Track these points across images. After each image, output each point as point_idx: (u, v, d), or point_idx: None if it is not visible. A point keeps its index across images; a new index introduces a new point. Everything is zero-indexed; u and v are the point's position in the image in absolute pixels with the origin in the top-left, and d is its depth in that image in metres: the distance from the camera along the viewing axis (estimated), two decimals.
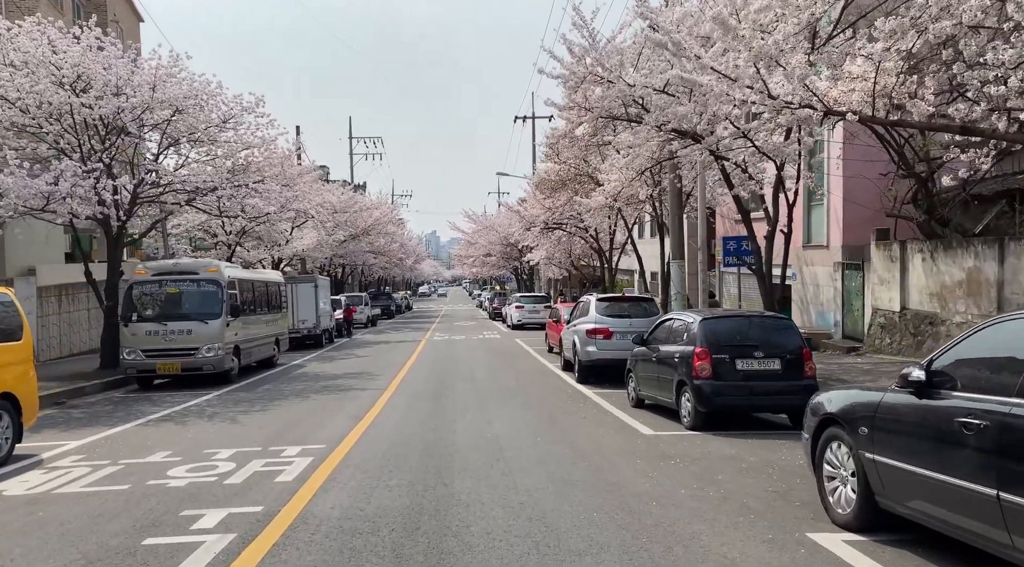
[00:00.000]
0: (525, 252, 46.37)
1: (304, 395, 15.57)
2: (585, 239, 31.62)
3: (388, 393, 15.38)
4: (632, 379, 12.99)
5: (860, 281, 18.93)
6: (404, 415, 12.42)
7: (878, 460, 5.30)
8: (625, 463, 8.48)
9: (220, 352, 17.49)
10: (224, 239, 27.97)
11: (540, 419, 11.77)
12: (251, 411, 13.43)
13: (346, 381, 17.84)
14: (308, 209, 29.38)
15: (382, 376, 18.66)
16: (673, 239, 20.03)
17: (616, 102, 13.67)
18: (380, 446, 9.78)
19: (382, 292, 64.36)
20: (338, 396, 15.23)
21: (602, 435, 10.30)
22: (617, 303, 17.10)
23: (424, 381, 17.40)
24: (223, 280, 17.99)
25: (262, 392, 16.26)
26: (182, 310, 17.80)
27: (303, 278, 30.42)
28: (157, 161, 19.21)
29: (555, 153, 22.20)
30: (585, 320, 16.78)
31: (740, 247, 16.71)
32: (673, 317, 11.92)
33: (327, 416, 12.60)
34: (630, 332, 16.09)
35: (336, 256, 43.24)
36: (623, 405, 13.09)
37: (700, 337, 10.56)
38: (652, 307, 16.76)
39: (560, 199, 26.96)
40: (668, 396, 11.29)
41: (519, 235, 38.01)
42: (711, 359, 10.37)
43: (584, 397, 14.40)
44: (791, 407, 10.53)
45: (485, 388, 15.87)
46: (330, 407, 13.70)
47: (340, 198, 36.83)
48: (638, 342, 12.66)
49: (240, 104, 19.65)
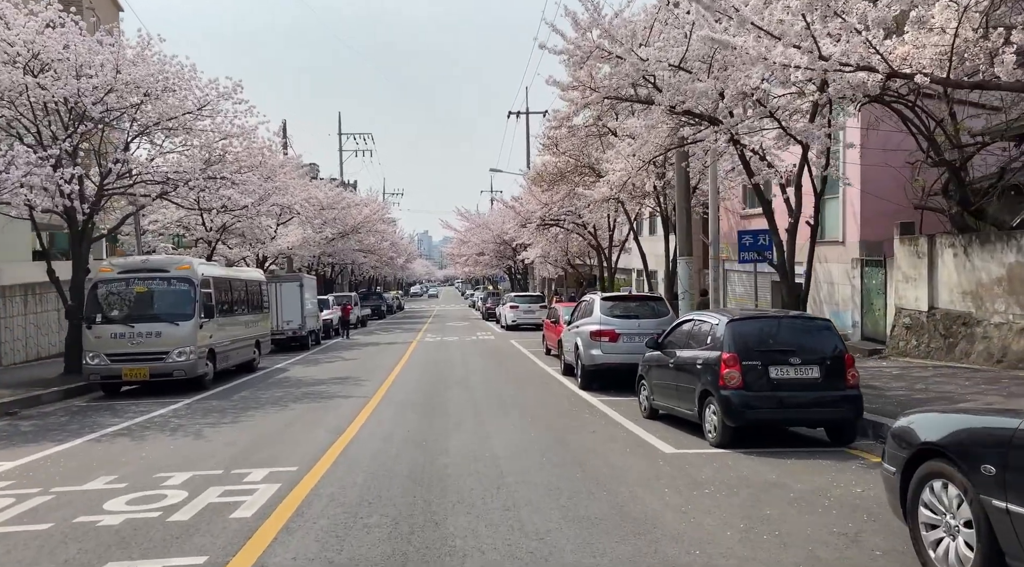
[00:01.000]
0: (519, 251, 45.09)
1: (282, 404, 14.20)
2: (583, 236, 30.32)
3: (374, 402, 14.03)
4: (644, 387, 11.67)
5: (882, 279, 17.66)
6: (390, 429, 11.07)
7: (1015, 511, 3.98)
8: (651, 493, 7.15)
9: (192, 356, 16.10)
10: (204, 236, 26.50)
11: (544, 434, 10.43)
12: (220, 423, 12.05)
13: (330, 387, 16.48)
14: (293, 204, 28.01)
15: (369, 382, 17.31)
16: (680, 234, 18.73)
17: (625, 81, 12.35)
18: (360, 469, 8.43)
19: (372, 292, 62.90)
20: (319, 405, 13.87)
21: (617, 454, 8.97)
22: (623, 303, 15.78)
23: (414, 387, 16.05)
24: (196, 278, 16.59)
25: (237, 400, 14.88)
26: (151, 311, 16.40)
27: (287, 277, 29.01)
28: (127, 150, 17.78)
29: (553, 144, 20.90)
30: (588, 321, 15.46)
31: (757, 241, 15.45)
32: (694, 318, 10.58)
33: (304, 430, 11.23)
34: (638, 334, 14.80)
35: (324, 255, 41.82)
36: (634, 416, 11.77)
37: (728, 341, 9.24)
38: (662, 307, 15.45)
39: (558, 193, 25.64)
40: (689, 408, 9.98)
41: (514, 232, 36.69)
42: (740, 366, 9.06)
43: (590, 406, 13.08)
44: (833, 421, 9.23)
45: (480, 396, 14.53)
46: (309, 418, 12.33)
47: (327, 194, 35.41)
48: (652, 346, 11.34)
49: (216, 90, 18.25)
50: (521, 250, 43.71)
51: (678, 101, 12.05)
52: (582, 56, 11.91)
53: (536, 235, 33.12)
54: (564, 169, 20.65)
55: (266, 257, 32.61)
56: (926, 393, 11.71)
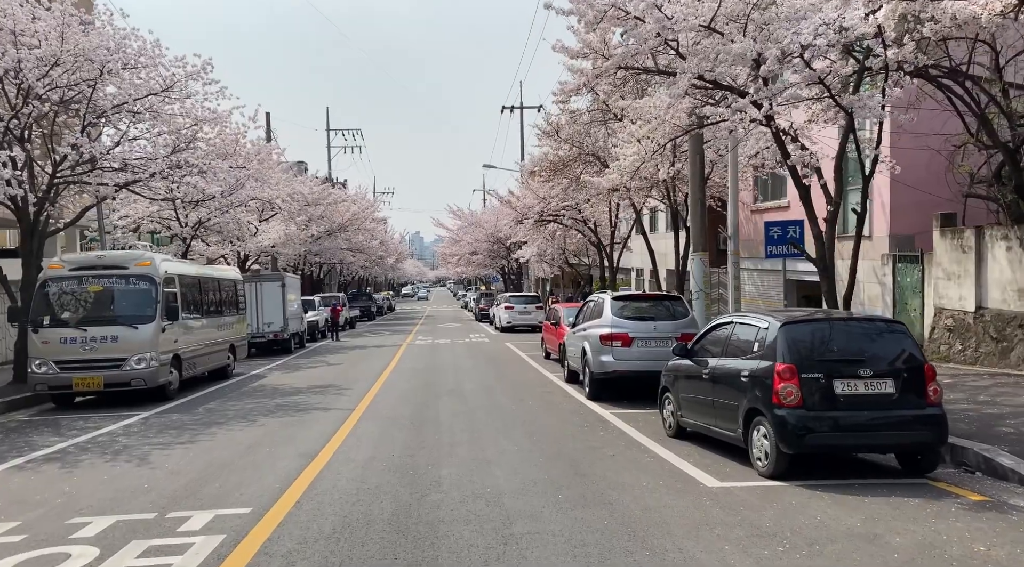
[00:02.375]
0: (514, 249, 43.40)
1: (251, 418, 12.46)
2: (583, 232, 28.65)
3: (356, 415, 12.31)
4: (670, 401, 9.99)
5: (918, 276, 16.04)
6: (371, 452, 9.35)
7: None
8: (705, 550, 5.46)
9: (153, 363, 14.34)
10: (179, 232, 24.69)
11: (554, 460, 8.73)
12: (174, 444, 10.31)
13: (308, 398, 14.74)
14: (274, 199, 26.23)
15: (352, 390, 15.58)
16: (694, 228, 17.11)
17: (644, 46, 10.67)
18: (330, 512, 6.72)
19: (362, 292, 61.08)
20: (293, 420, 12.14)
21: (649, 489, 7.28)
22: (637, 303, 14.09)
23: (402, 398, 14.33)
24: (158, 276, 14.83)
25: (201, 413, 13.14)
26: (106, 312, 14.63)
27: (268, 276, 27.21)
28: (82, 134, 15.99)
29: (554, 130, 19.22)
30: (597, 324, 13.78)
31: (786, 234, 13.80)
32: (734, 321, 8.88)
33: (270, 453, 9.50)
34: (654, 338, 13.15)
35: (310, 253, 40.02)
36: (657, 434, 10.10)
37: (782, 348, 7.57)
38: (680, 307, 13.77)
39: (557, 186, 23.96)
40: (730, 428, 8.30)
41: (509, 230, 34.96)
42: (799, 380, 7.38)
43: (603, 422, 11.38)
44: (913, 445, 7.56)
45: (477, 409, 12.82)
46: (278, 437, 10.60)
47: (312, 189, 33.62)
48: (681, 353, 9.65)
49: (184, 69, 16.49)
50: (515, 249, 42.04)
51: (705, 69, 10.40)
52: (595, 16, 10.23)
53: (532, 232, 31.43)
54: (566, 158, 18.97)
55: (247, 255, 30.81)
56: (996, 406, 10.07)
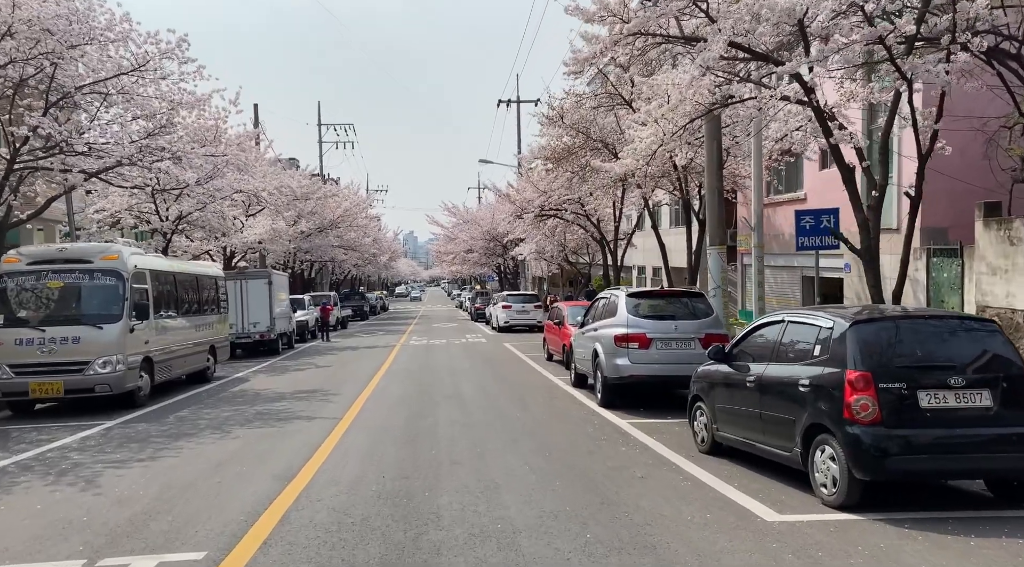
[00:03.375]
0: (511, 247, 42.06)
1: (225, 428, 11.11)
2: (585, 228, 27.31)
3: (343, 426, 10.97)
4: (702, 412, 8.67)
5: (957, 271, 14.75)
6: (359, 473, 8.01)
7: None
8: None
9: (120, 367, 12.98)
10: (159, 226, 23.27)
11: (573, 483, 7.41)
12: (131, 461, 8.95)
13: (292, 405, 13.39)
14: (260, 191, 24.83)
15: (340, 396, 14.24)
16: (711, 219, 15.78)
17: (669, 8, 9.36)
18: (303, 560, 5.38)
19: (355, 291, 59.67)
20: (272, 431, 10.79)
21: (696, 523, 5.97)
22: (655, 300, 12.78)
23: (395, 404, 12.99)
24: (126, 270, 13.47)
25: (171, 423, 11.79)
26: (68, 311, 13.28)
27: (254, 273, 25.81)
28: (44, 115, 14.59)
29: (559, 115, 17.87)
30: (611, 323, 12.45)
31: (819, 223, 12.49)
32: (786, 319, 7.54)
33: (240, 474, 8.16)
34: (675, 339, 11.85)
35: (300, 251, 38.59)
36: (687, 449, 8.79)
37: (854, 352, 6.26)
38: (702, 305, 12.45)
39: (561, 177, 22.59)
40: (783, 446, 7.00)
41: (507, 226, 33.59)
42: (876, 391, 6.08)
43: (622, 433, 10.06)
44: (1016, 471, 6.26)
45: (478, 417, 11.48)
46: (253, 453, 9.26)
47: (301, 183, 32.17)
48: (717, 357, 8.34)
49: (157, 46, 15.13)
50: (512, 246, 40.70)
51: (741, 32, 9.09)
52: None
53: (532, 228, 30.06)
54: (571, 145, 17.58)
55: (233, 252, 29.40)
56: None
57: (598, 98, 17.31)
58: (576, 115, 17.73)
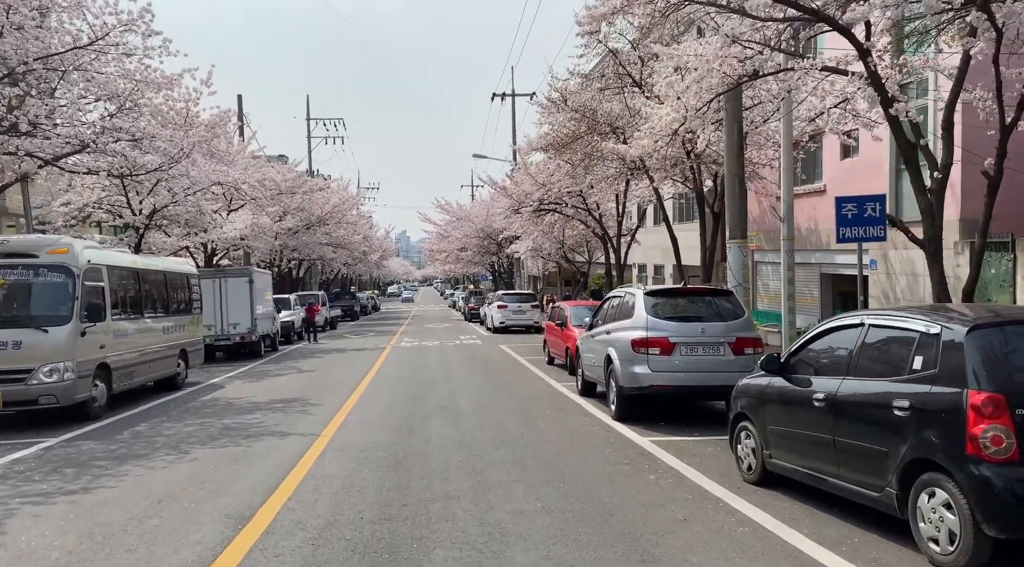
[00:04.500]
0: (506, 244, 40.56)
1: (184, 448, 9.57)
2: (586, 223, 25.82)
3: (320, 445, 9.43)
4: (749, 434, 7.17)
5: (1007, 266, 13.32)
6: (331, 518, 6.47)
7: None
8: None
9: (68, 375, 11.42)
10: (131, 220, 21.65)
11: (599, 527, 5.89)
12: (57, 495, 7.40)
13: (266, 417, 11.85)
14: (240, 184, 23.25)
15: (321, 407, 12.71)
16: (731, 210, 14.31)
17: None
18: None
19: (345, 291, 58.01)
20: (237, 452, 9.25)
21: None
22: (677, 299, 11.26)
23: (381, 418, 11.45)
24: (76, 266, 11.92)
25: (124, 440, 10.24)
26: (9, 312, 11.75)
27: (234, 271, 24.18)
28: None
29: (562, 99, 16.33)
30: (627, 326, 10.93)
31: (863, 212, 10.98)
32: (866, 322, 6.02)
33: (185, 513, 6.62)
34: (702, 343, 10.34)
35: (286, 248, 36.98)
36: (728, 477, 7.31)
37: (978, 366, 4.77)
38: (732, 305, 10.94)
39: (561, 169, 21.09)
40: (867, 483, 5.50)
41: (503, 221, 32.06)
42: (1011, 419, 4.59)
43: (646, 456, 8.55)
44: None
45: (477, 437, 9.94)
46: (208, 483, 7.71)
47: (286, 177, 30.56)
48: (770, 367, 6.83)
49: (117, 17, 13.58)
50: (507, 244, 39.19)
51: None
52: None
53: (529, 224, 28.55)
54: (576, 130, 16.04)
55: (214, 249, 27.79)
56: None
57: (605, 79, 15.81)
58: (581, 98, 16.20)
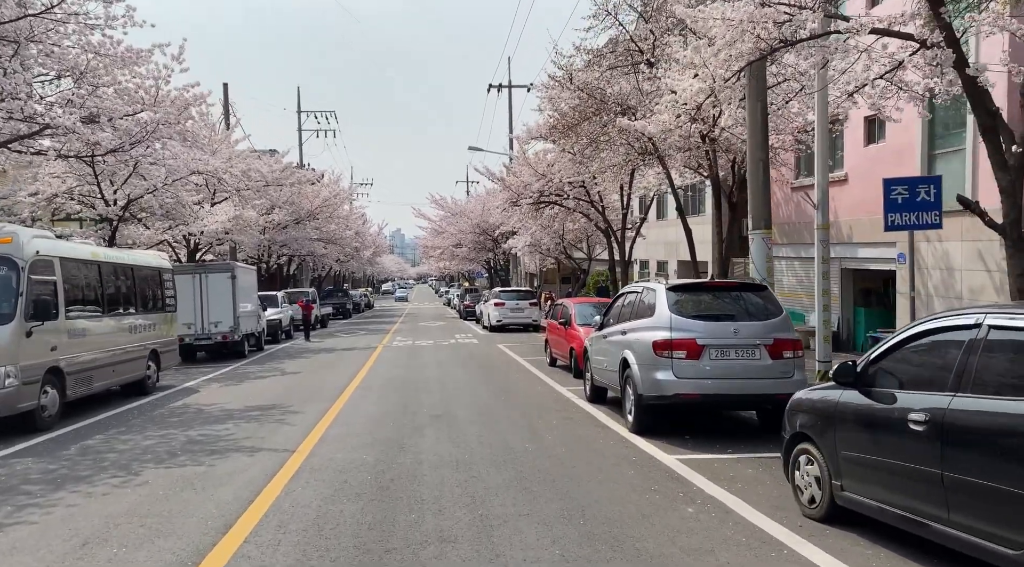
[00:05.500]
0: (502, 240, 39.20)
1: (135, 468, 8.21)
2: (589, 216, 24.47)
3: (293, 465, 8.07)
4: (812, 460, 5.83)
5: None
6: (294, 564, 5.12)
7: None
8: None
9: (11, 381, 10.06)
10: (105, 212, 20.22)
11: None
12: None
13: (237, 428, 10.48)
14: (221, 174, 21.83)
15: (301, 416, 11.35)
16: (754, 198, 12.99)
17: None
18: None
19: (338, 288, 56.58)
20: (196, 473, 7.88)
21: None
22: (704, 294, 9.87)
23: (367, 430, 10.08)
24: (22, 257, 10.55)
25: (70, 457, 8.88)
26: None
27: (216, 266, 22.76)
28: None
29: (567, 77, 14.93)
30: (647, 325, 9.58)
31: (915, 195, 9.66)
32: (984, 321, 4.60)
33: (114, 560, 5.25)
34: (735, 346, 9.01)
35: (275, 243, 35.55)
36: (785, 511, 5.97)
37: None
38: (769, 302, 9.58)
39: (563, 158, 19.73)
40: (1001, 536, 4.16)
41: (500, 215, 30.68)
42: None
43: (677, 480, 7.20)
44: None
45: (477, 454, 8.58)
46: (150, 518, 6.33)
47: (272, 168, 29.11)
48: (845, 378, 5.49)
49: None
50: (504, 240, 37.83)
51: None
52: None
53: (527, 218, 27.18)
54: (584, 109, 14.65)
55: (198, 244, 26.36)
56: None
57: (616, 55, 14.46)
58: (588, 76, 14.83)
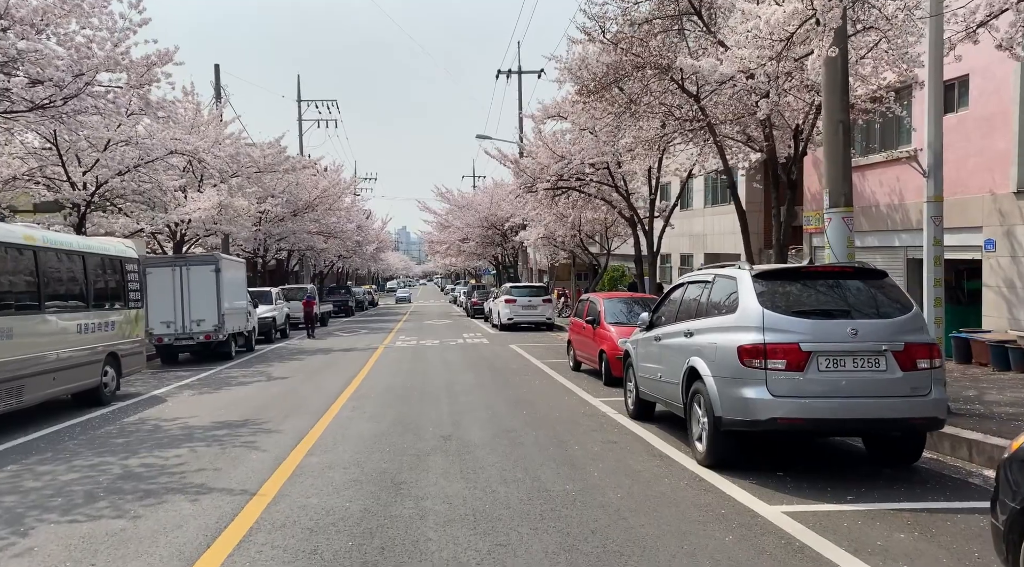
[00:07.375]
0: (512, 234, 36.87)
1: (28, 524, 5.93)
2: (612, 202, 22.09)
3: (249, 517, 5.76)
4: None
5: None
6: None
7: None
8: None
9: None
10: (72, 196, 17.93)
11: None
12: None
13: (194, 453, 8.19)
14: (203, 153, 19.55)
15: (277, 436, 9.06)
16: (832, 169, 10.60)
17: None
18: None
19: (340, 285, 54.37)
20: (110, 532, 5.58)
21: None
22: (806, 283, 7.37)
23: (356, 460, 7.74)
24: None
25: None
26: None
27: (198, 258, 20.46)
28: None
29: (599, 28, 12.51)
30: (725, 325, 7.21)
31: None
32: None
33: None
34: (852, 353, 6.65)
35: (271, 237, 33.28)
36: None
37: None
38: (893, 294, 7.15)
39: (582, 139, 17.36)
40: None
41: (510, 207, 28.35)
42: None
43: (807, 557, 4.86)
44: None
45: (502, 498, 6.24)
46: None
47: (265, 153, 26.81)
48: None
49: None
50: (514, 233, 35.50)
51: None
52: None
53: (542, 207, 24.82)
54: (619, 64, 12.18)
55: (183, 235, 24.07)
56: None
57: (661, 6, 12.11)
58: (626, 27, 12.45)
